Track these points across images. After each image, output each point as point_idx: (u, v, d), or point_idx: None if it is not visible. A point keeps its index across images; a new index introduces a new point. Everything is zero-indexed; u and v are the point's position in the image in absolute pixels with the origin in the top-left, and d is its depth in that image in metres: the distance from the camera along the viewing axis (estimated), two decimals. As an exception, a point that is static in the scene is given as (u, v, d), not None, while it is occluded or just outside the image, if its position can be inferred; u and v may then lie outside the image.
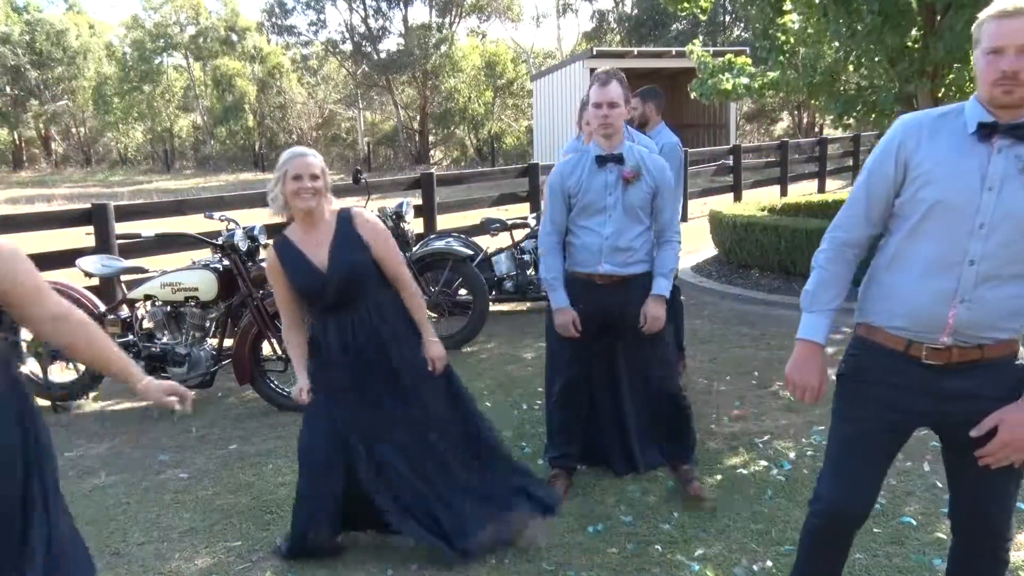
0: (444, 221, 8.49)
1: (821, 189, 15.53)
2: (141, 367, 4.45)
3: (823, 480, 2.12)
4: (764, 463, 3.56)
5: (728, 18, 33.21)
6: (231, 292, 4.55)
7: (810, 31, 8.12)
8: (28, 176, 33.68)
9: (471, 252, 5.97)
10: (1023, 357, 1.92)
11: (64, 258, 5.55)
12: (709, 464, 3.63)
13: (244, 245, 4.48)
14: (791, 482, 3.41)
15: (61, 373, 4.83)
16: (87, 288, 4.92)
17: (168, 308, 4.49)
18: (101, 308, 4.67)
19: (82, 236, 5.89)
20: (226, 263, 4.53)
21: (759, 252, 7.78)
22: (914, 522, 3.02)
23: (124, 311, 4.66)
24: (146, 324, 4.59)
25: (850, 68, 8.13)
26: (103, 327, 4.54)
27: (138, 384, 1.98)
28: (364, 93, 36.10)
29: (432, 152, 34.16)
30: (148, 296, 4.54)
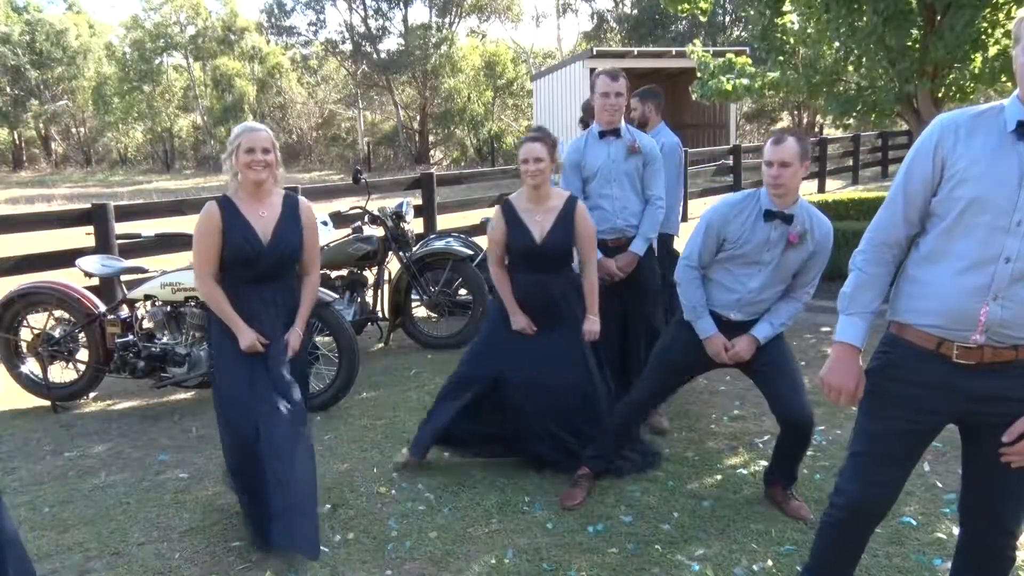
0: (444, 221, 8.48)
1: (821, 189, 15.54)
2: (141, 367, 4.54)
3: (844, 474, 2.12)
4: (764, 463, 3.55)
5: (728, 18, 33.22)
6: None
7: (810, 31, 8.13)
8: (28, 176, 33.68)
9: (471, 252, 5.96)
10: None
11: (64, 258, 5.55)
12: (709, 464, 3.63)
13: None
14: (791, 482, 3.40)
15: (61, 373, 4.83)
16: (87, 288, 4.91)
17: (168, 308, 4.48)
18: (101, 308, 4.67)
19: (82, 236, 5.89)
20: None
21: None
22: (914, 522, 3.02)
23: (124, 311, 4.66)
24: (146, 324, 4.58)
25: (850, 68, 8.13)
26: (103, 327, 4.64)
27: None
28: (364, 93, 36.10)
29: (432, 152, 34.15)
30: (148, 296, 4.53)
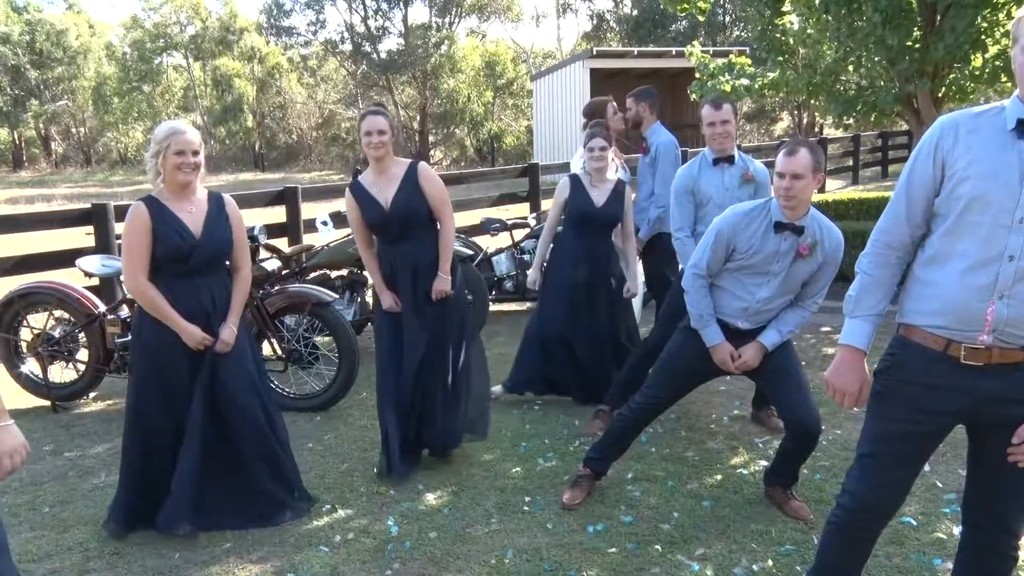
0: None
1: (821, 189, 15.53)
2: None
3: (851, 476, 2.12)
4: (764, 463, 3.56)
5: (728, 18, 33.22)
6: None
7: (810, 31, 8.13)
8: (28, 176, 33.67)
9: (471, 252, 5.96)
10: None
11: (64, 258, 5.54)
12: (709, 464, 3.63)
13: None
14: (791, 482, 3.40)
15: (61, 373, 4.83)
16: (87, 288, 4.91)
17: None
18: (101, 308, 4.67)
19: (82, 236, 5.88)
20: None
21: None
22: (914, 522, 3.02)
23: (124, 311, 4.66)
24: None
25: (850, 68, 8.13)
26: (103, 327, 4.63)
27: None
28: (364, 93, 36.10)
29: (432, 152, 34.15)
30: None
